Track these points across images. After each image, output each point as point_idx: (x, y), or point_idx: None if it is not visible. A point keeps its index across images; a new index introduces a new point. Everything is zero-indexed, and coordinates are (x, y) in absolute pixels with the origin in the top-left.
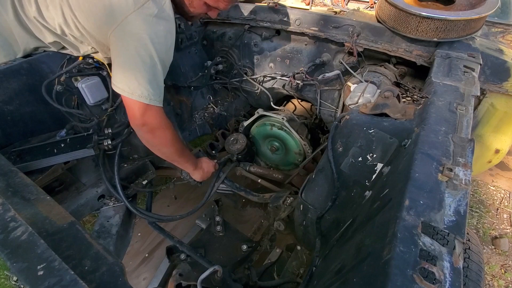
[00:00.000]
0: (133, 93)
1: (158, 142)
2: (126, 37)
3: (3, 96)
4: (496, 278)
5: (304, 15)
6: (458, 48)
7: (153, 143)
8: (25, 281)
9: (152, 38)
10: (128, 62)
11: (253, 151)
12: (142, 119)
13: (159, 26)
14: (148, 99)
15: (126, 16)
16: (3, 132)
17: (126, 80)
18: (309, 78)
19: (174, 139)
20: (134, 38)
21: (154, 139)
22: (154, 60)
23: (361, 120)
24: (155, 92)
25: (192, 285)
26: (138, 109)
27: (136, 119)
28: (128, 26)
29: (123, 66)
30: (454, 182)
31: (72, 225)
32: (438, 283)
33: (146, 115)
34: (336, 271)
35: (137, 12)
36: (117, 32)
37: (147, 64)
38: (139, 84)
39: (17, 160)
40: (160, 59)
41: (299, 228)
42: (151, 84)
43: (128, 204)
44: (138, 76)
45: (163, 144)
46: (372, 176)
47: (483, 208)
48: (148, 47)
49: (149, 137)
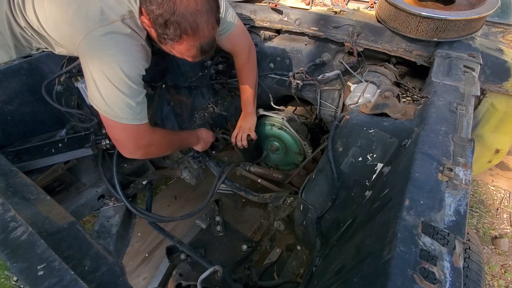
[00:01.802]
0: (116, 116)
1: (156, 153)
2: (92, 54)
3: (3, 96)
4: (496, 278)
5: (304, 15)
6: (458, 48)
7: (152, 154)
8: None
9: (119, 58)
10: (99, 82)
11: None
12: (135, 143)
13: (125, 45)
14: (130, 120)
15: (91, 31)
16: (3, 132)
17: (104, 98)
18: (309, 78)
19: (168, 142)
20: (101, 56)
21: (151, 153)
22: (123, 79)
23: (361, 120)
24: (133, 111)
25: (192, 285)
26: (124, 133)
27: (127, 145)
28: (93, 42)
29: (94, 84)
30: (454, 182)
31: (72, 225)
32: (438, 283)
33: (135, 136)
34: (336, 271)
35: (104, 28)
36: (82, 47)
37: (118, 84)
38: (116, 105)
39: (15, 159)
40: (128, 76)
41: (299, 228)
42: (126, 104)
43: (128, 204)
44: (113, 96)
45: (161, 152)
46: (372, 176)
47: (483, 208)
48: (114, 67)
49: (145, 154)
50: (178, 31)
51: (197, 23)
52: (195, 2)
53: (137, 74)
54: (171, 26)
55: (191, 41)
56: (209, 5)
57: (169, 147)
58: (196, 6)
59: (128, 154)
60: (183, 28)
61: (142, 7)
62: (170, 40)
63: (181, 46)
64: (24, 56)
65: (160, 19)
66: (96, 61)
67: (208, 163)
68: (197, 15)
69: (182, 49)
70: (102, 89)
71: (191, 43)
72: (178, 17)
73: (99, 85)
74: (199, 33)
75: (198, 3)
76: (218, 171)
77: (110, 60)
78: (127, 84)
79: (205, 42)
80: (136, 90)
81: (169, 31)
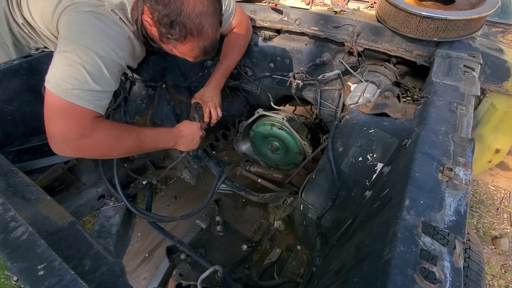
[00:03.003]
0: (65, 90)
1: (95, 153)
2: (72, 27)
3: (3, 96)
4: (496, 278)
5: (304, 15)
6: (458, 47)
7: (88, 153)
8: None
9: (99, 38)
10: (68, 55)
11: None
12: (73, 131)
13: (109, 28)
14: (76, 97)
15: (77, 4)
16: (3, 132)
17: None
18: (309, 78)
19: (116, 143)
20: (81, 31)
21: (87, 151)
22: (96, 60)
23: (361, 120)
24: (89, 94)
25: (192, 285)
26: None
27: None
28: (77, 15)
29: (62, 57)
30: (455, 182)
31: (72, 225)
32: (439, 283)
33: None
34: (336, 271)
35: (91, 7)
36: (63, 18)
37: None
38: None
39: (16, 159)
40: (102, 59)
41: (299, 228)
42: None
43: (128, 204)
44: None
45: (103, 153)
46: (372, 176)
47: (483, 208)
48: (91, 46)
49: (78, 150)
50: (183, 31)
51: (202, 24)
52: (201, 4)
53: (113, 62)
54: (177, 26)
55: (195, 42)
56: (214, 7)
57: (116, 148)
58: (202, 8)
59: (57, 146)
60: (189, 29)
61: (145, 5)
62: (174, 40)
63: (185, 47)
64: (24, 56)
65: (166, 19)
66: (73, 35)
67: (208, 163)
68: (203, 17)
69: (186, 49)
70: (67, 64)
71: (195, 44)
72: (184, 18)
73: (67, 58)
74: (204, 34)
75: (204, 4)
76: (218, 171)
77: (89, 37)
78: (98, 67)
79: (209, 43)
80: (105, 79)
81: (174, 31)
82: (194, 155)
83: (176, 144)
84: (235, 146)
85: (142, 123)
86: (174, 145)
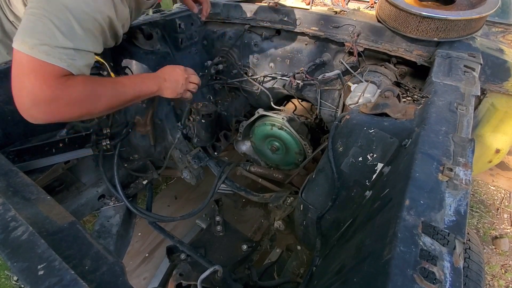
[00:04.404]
0: (33, 46)
1: (71, 113)
2: None
3: (4, 96)
4: (496, 278)
5: (304, 15)
6: (458, 48)
7: (63, 115)
8: (25, 281)
9: None
10: (35, 11)
11: (215, 128)
12: (41, 91)
13: None
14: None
15: None
16: (4, 132)
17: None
18: (309, 78)
19: (94, 97)
20: None
21: (60, 113)
22: (66, 14)
23: (362, 120)
24: (60, 51)
25: (192, 285)
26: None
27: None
28: None
29: (29, 14)
30: (455, 182)
31: (72, 225)
32: (439, 283)
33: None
34: (336, 271)
35: None
36: None
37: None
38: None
39: (16, 159)
40: (71, 10)
41: (299, 228)
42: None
43: (128, 204)
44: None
45: (82, 111)
46: (373, 176)
47: (483, 208)
48: None
49: (50, 113)
50: None
51: None
52: None
53: (85, 15)
54: None
55: None
56: None
57: (95, 104)
58: None
59: (27, 113)
60: None
61: None
62: None
63: None
64: None
65: None
66: None
67: (208, 163)
68: None
69: None
70: (33, 20)
71: None
72: None
73: (33, 14)
74: None
75: None
76: (218, 171)
77: None
78: (67, 20)
79: None
80: (77, 35)
81: None
82: (194, 155)
83: (160, 89)
84: (235, 146)
85: (142, 123)
86: (158, 90)
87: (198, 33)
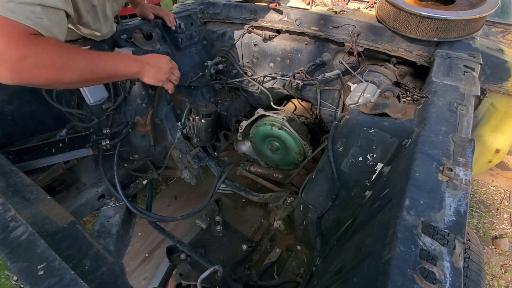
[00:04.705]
0: None
1: (40, 75)
2: None
3: (4, 96)
4: (496, 278)
5: (304, 15)
6: (458, 48)
7: (32, 77)
8: (25, 281)
9: None
10: None
11: (215, 128)
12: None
13: None
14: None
15: None
16: (4, 132)
17: None
18: (309, 78)
19: (65, 60)
20: None
21: (29, 74)
22: None
23: (361, 120)
24: (24, 7)
25: (192, 285)
26: None
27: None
28: None
29: None
30: (455, 182)
31: (72, 225)
32: (439, 283)
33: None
34: (336, 271)
35: None
36: None
37: None
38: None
39: (16, 159)
40: None
41: (299, 228)
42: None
43: (128, 204)
44: None
45: (51, 74)
46: (372, 176)
47: (483, 208)
48: None
49: (17, 73)
50: None
51: None
52: None
53: None
54: None
55: None
56: None
57: (65, 70)
58: None
59: None
60: None
61: None
62: None
63: None
64: None
65: None
66: None
67: (208, 163)
68: None
69: None
70: None
71: None
72: None
73: None
74: None
75: None
76: (218, 171)
77: None
78: None
79: None
80: None
81: None
82: (194, 155)
83: (141, 71)
84: (235, 146)
85: (142, 123)
86: (139, 72)
87: (198, 33)
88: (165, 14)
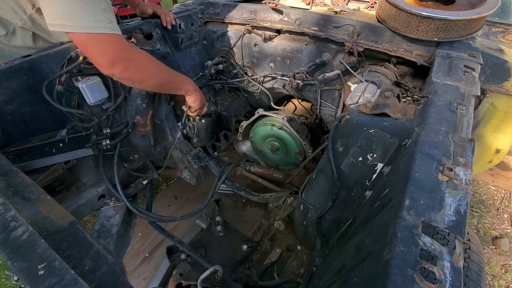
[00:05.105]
0: (83, 26)
1: (138, 72)
2: None
3: (4, 96)
4: (496, 278)
5: (304, 15)
6: (458, 48)
7: (133, 72)
8: (25, 280)
9: None
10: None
11: (215, 128)
12: (111, 53)
13: None
14: (101, 28)
15: None
16: (4, 132)
17: (65, 12)
18: (309, 78)
19: (154, 65)
20: None
21: (131, 69)
22: None
23: (361, 120)
24: (100, 19)
25: (192, 285)
26: (98, 43)
27: (103, 56)
28: None
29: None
30: (455, 182)
31: (72, 225)
32: (439, 283)
33: (109, 47)
34: (336, 271)
35: None
36: None
37: None
38: (82, 12)
39: (16, 159)
40: None
41: (299, 228)
42: (93, 11)
43: (128, 204)
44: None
45: (145, 73)
46: (373, 176)
47: (483, 208)
48: None
49: (125, 69)
50: None
51: None
52: None
53: None
54: None
55: None
56: None
57: (155, 71)
58: None
59: (105, 69)
60: None
61: None
62: None
63: None
64: (24, 56)
65: None
66: None
67: (208, 163)
68: None
69: None
70: (60, 3)
71: None
72: None
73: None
74: None
75: None
76: (219, 171)
77: None
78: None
79: None
80: (109, 9)
81: None
82: (194, 155)
83: (193, 92)
84: (235, 146)
85: (142, 123)
86: (192, 93)
87: (198, 33)
88: (162, 12)
